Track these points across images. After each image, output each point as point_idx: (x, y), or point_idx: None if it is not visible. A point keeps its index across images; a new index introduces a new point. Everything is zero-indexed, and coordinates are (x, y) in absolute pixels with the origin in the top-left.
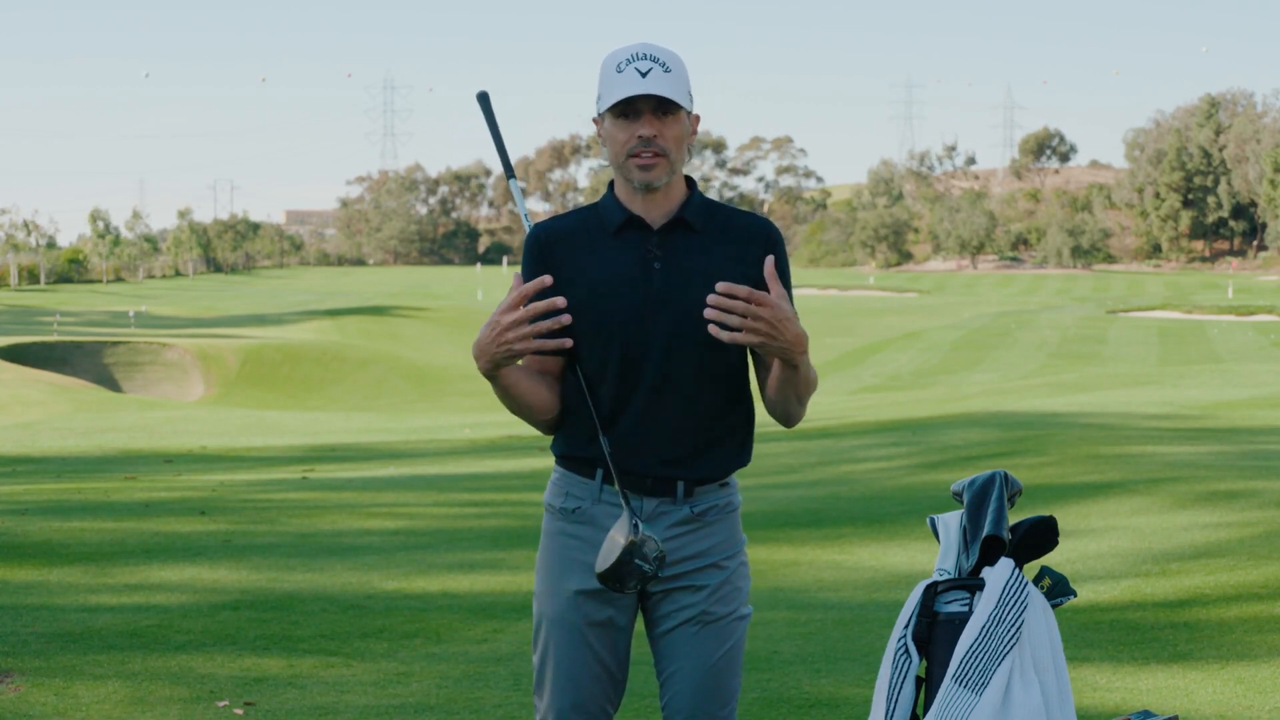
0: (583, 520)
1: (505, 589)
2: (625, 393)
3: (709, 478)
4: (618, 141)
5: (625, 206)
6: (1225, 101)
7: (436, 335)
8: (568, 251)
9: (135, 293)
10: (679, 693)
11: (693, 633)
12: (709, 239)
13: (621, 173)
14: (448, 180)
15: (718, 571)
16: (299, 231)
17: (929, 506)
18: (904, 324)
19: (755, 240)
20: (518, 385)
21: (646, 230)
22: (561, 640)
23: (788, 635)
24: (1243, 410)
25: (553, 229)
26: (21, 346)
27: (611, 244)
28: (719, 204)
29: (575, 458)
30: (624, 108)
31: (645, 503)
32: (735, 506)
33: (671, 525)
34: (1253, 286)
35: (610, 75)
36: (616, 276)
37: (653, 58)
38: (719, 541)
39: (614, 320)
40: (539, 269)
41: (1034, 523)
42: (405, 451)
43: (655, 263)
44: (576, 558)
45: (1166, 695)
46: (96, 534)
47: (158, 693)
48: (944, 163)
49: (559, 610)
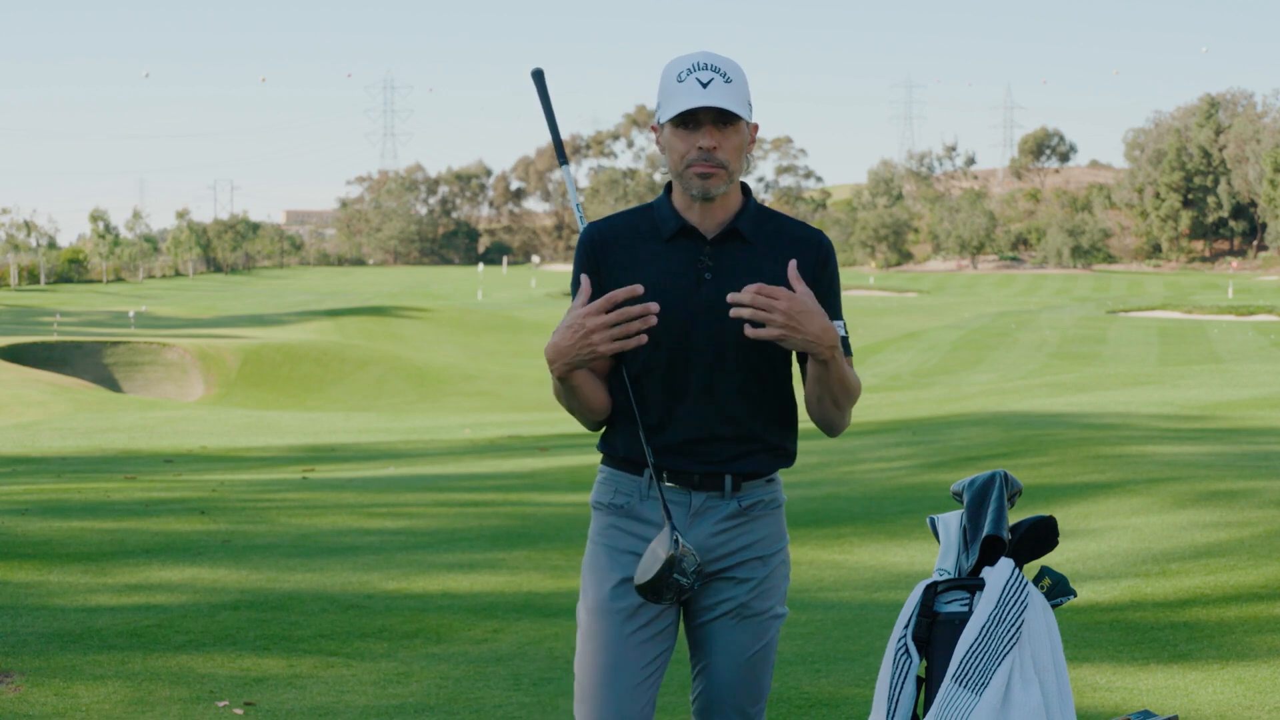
0: (631, 515)
1: (505, 589)
2: (671, 397)
3: (756, 473)
4: (677, 151)
5: (681, 214)
6: (1225, 101)
7: (436, 335)
8: (620, 253)
9: (135, 293)
10: (713, 684)
11: (730, 625)
12: (761, 249)
13: (680, 182)
14: (448, 180)
15: (761, 565)
16: (299, 232)
17: (929, 506)
18: (904, 324)
19: (806, 251)
20: (585, 385)
21: (700, 240)
22: (607, 633)
23: (788, 635)
24: (1243, 410)
25: (607, 229)
26: (21, 346)
27: (664, 250)
28: (773, 212)
29: (624, 458)
30: (685, 118)
31: (694, 497)
32: (780, 503)
33: (720, 520)
34: (1253, 286)
35: (671, 85)
36: (667, 284)
37: (714, 68)
38: (764, 536)
39: (662, 327)
40: (592, 267)
41: (1034, 523)
42: (405, 451)
43: (706, 273)
44: (626, 548)
45: (1166, 695)
46: (96, 534)
47: (158, 693)
48: (944, 163)
49: (602, 600)
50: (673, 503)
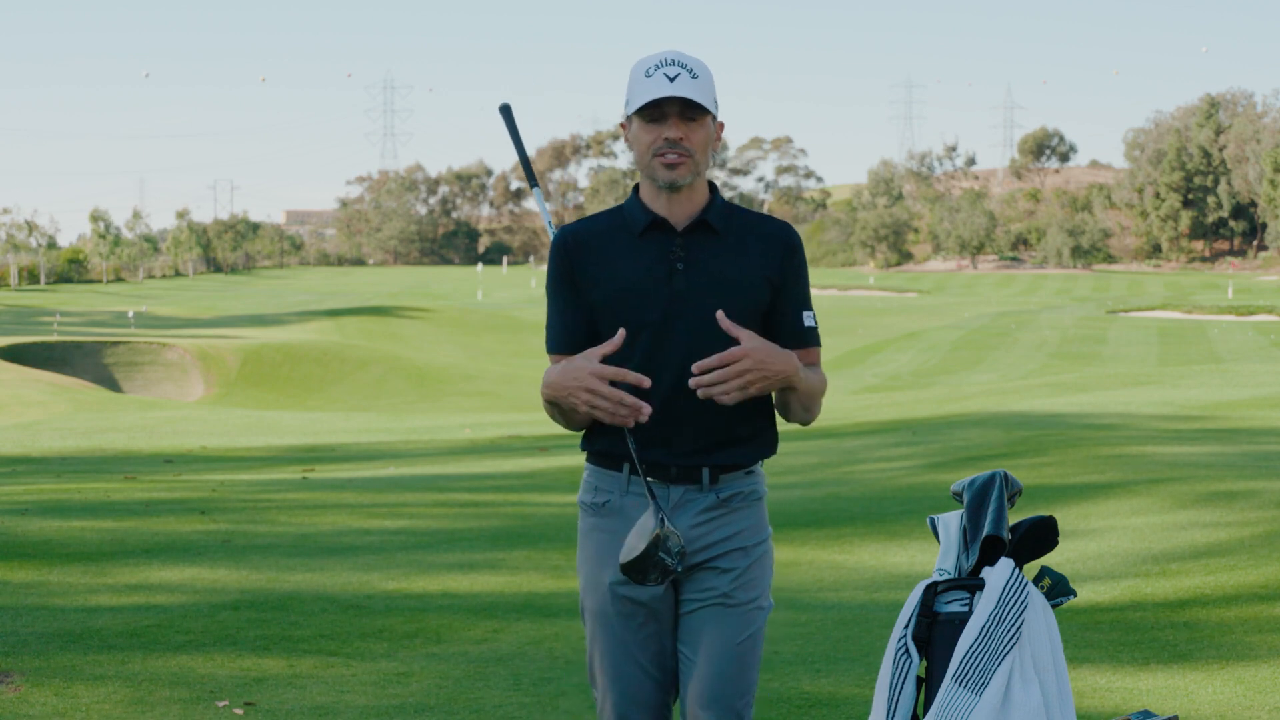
0: (612, 513)
1: (505, 589)
2: (649, 390)
3: (734, 465)
4: (644, 143)
5: (649, 208)
6: (1225, 101)
7: (436, 335)
8: (593, 253)
9: (135, 293)
10: (700, 677)
11: (715, 615)
12: (731, 241)
13: (647, 173)
14: (448, 180)
15: (743, 556)
16: (299, 232)
17: (929, 507)
18: (904, 324)
19: (775, 244)
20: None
21: (670, 231)
22: (604, 634)
23: (788, 635)
24: (1243, 410)
25: (578, 231)
26: (21, 346)
27: (636, 245)
28: (740, 208)
29: (603, 453)
30: (652, 111)
31: (672, 490)
32: (761, 495)
33: (699, 512)
34: (1253, 286)
35: (639, 80)
36: (641, 277)
37: (680, 63)
38: (745, 527)
39: (637, 319)
40: (565, 270)
41: (1034, 523)
42: (405, 451)
43: (679, 264)
44: (609, 551)
45: (1166, 695)
46: (96, 534)
47: (158, 693)
48: (944, 163)
49: (599, 604)
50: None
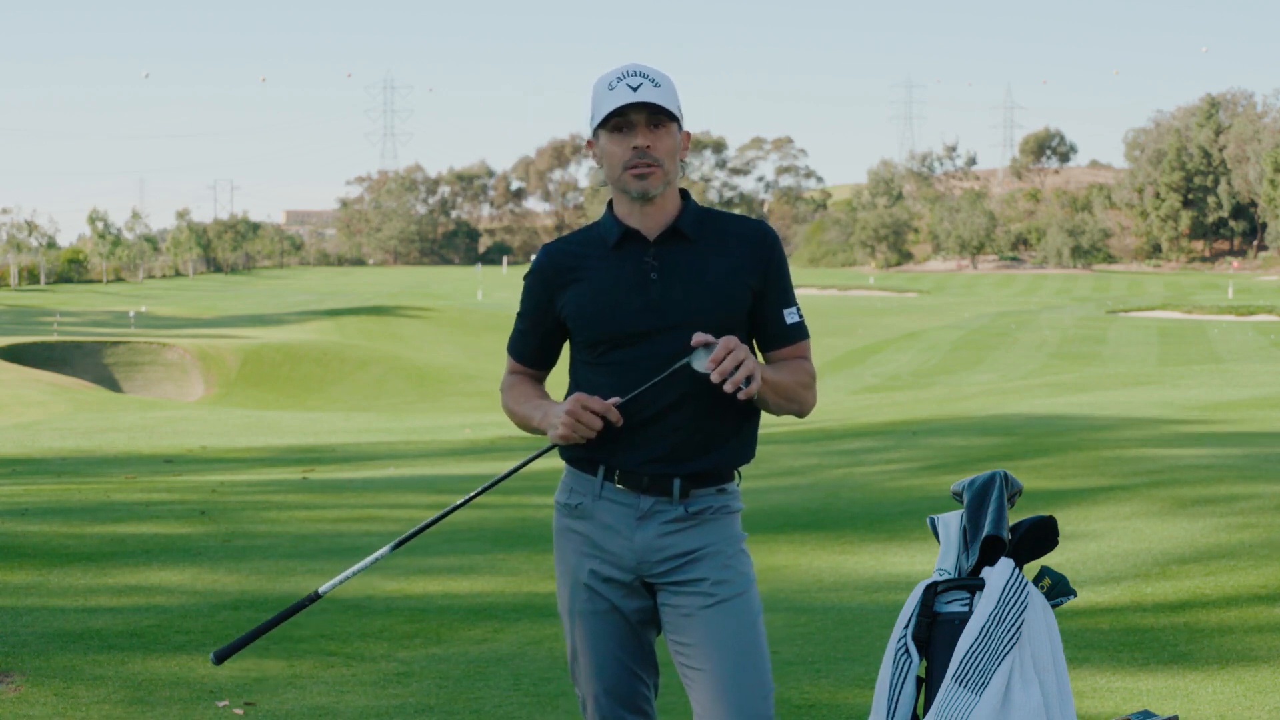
0: (584, 515)
1: (505, 589)
2: (624, 398)
3: (707, 473)
4: (614, 155)
5: (623, 221)
6: (1225, 101)
7: (436, 335)
8: (571, 268)
9: (135, 293)
10: (710, 685)
11: (706, 618)
12: (705, 247)
13: (619, 186)
14: (448, 180)
15: (715, 557)
16: (299, 232)
17: (929, 507)
18: (904, 324)
19: (751, 244)
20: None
21: (643, 242)
22: (579, 630)
23: (788, 636)
24: (1243, 411)
25: (557, 249)
26: (21, 346)
27: (611, 257)
28: (715, 211)
29: (579, 457)
30: (618, 121)
31: (642, 500)
32: (734, 510)
33: (666, 522)
34: (1253, 286)
35: (602, 93)
36: (616, 288)
37: (642, 74)
38: (715, 540)
39: (615, 330)
40: (543, 287)
41: (1034, 523)
42: (405, 452)
43: (652, 274)
44: (581, 550)
45: (1166, 696)
46: (96, 534)
47: (158, 693)
48: (944, 163)
49: (571, 601)
50: (621, 504)
